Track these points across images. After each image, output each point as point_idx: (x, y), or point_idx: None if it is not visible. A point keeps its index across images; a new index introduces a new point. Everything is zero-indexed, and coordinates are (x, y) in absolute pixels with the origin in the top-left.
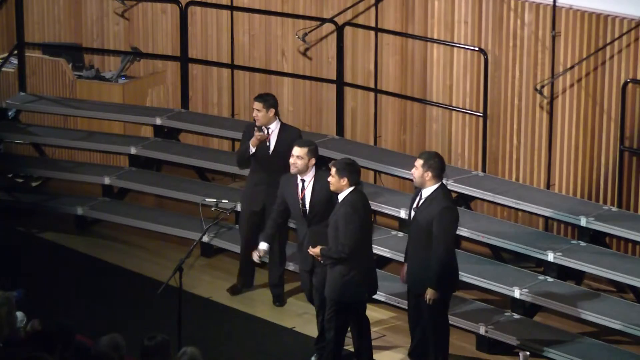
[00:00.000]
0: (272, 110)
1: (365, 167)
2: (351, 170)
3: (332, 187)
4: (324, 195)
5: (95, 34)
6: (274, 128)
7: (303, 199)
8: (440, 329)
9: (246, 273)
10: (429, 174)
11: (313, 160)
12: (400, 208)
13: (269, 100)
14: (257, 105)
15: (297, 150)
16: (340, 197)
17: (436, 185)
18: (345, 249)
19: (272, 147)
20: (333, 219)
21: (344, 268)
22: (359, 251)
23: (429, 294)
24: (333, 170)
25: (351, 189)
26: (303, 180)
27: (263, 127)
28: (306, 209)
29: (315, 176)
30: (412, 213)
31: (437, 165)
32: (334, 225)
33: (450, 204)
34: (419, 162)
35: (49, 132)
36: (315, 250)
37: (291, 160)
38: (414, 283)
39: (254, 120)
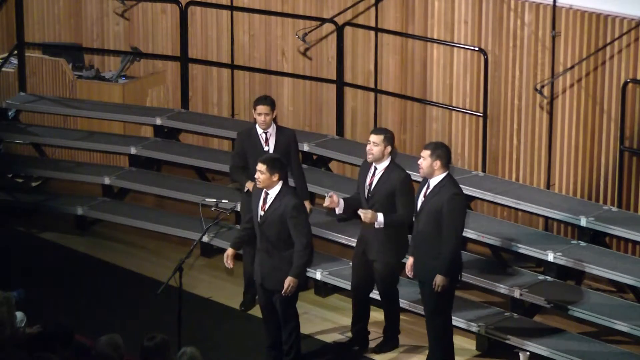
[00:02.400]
0: (275, 112)
1: None
2: (282, 166)
3: (261, 184)
4: (386, 188)
5: (95, 34)
6: (272, 131)
7: (371, 184)
8: (440, 327)
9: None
10: (437, 163)
11: (389, 148)
12: None
13: (274, 102)
14: (265, 109)
15: (373, 137)
16: (274, 192)
17: (444, 174)
18: (309, 240)
19: (271, 150)
20: (278, 220)
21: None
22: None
23: (438, 279)
24: (263, 167)
25: (281, 183)
26: (375, 168)
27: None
28: (370, 195)
29: (387, 167)
30: (420, 203)
31: (445, 155)
32: (281, 221)
33: (460, 191)
34: (426, 152)
35: (49, 132)
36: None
37: (367, 147)
38: (423, 273)
39: (255, 124)
